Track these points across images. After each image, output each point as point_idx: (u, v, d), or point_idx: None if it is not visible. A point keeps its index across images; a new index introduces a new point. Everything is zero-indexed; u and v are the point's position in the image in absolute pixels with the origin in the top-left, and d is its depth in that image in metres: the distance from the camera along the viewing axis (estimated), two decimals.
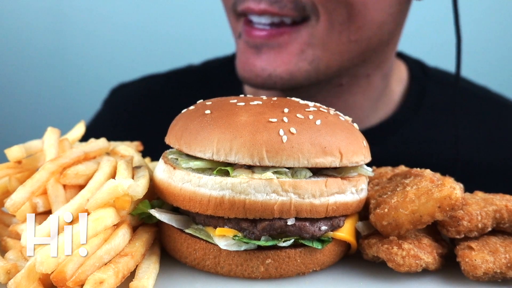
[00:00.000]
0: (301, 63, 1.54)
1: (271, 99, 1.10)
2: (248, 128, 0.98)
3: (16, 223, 1.04)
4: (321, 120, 1.02)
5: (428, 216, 0.99)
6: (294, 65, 1.54)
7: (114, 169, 1.07)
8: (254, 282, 1.01)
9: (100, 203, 0.95)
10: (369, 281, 1.02)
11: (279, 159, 0.97)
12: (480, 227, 1.04)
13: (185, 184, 1.00)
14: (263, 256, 1.00)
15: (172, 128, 1.09)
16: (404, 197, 1.02)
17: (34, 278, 0.89)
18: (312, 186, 0.99)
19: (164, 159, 1.09)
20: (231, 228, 0.99)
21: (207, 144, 0.99)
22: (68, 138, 1.19)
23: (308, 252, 1.03)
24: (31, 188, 1.00)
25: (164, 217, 1.03)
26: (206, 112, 1.04)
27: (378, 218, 1.03)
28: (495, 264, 0.99)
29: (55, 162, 1.04)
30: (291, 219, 0.99)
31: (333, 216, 1.03)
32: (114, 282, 0.90)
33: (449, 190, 0.99)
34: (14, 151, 1.08)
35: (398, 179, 1.14)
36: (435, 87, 1.91)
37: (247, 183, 0.96)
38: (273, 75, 1.55)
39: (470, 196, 1.12)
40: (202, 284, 1.00)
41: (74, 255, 0.89)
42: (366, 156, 1.08)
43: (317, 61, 1.55)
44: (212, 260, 1.02)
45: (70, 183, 1.04)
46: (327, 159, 0.99)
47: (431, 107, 1.86)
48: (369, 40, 1.58)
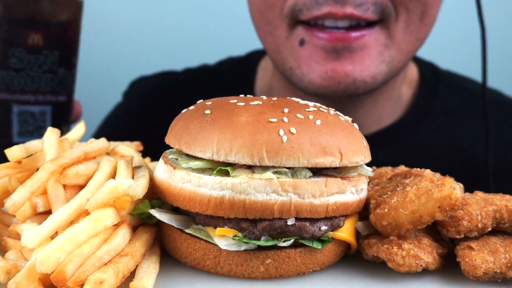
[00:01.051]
0: (381, 65, 1.51)
1: (271, 99, 1.10)
2: (248, 128, 0.98)
3: (16, 223, 1.04)
4: (321, 120, 1.02)
5: (428, 216, 0.99)
6: (376, 67, 1.51)
7: (114, 169, 1.07)
8: (254, 282, 1.01)
9: (100, 203, 0.95)
10: (369, 281, 1.02)
11: (279, 159, 0.97)
12: (480, 227, 1.04)
13: (185, 184, 1.00)
14: (263, 256, 1.00)
15: (172, 128, 1.09)
16: (404, 197, 1.02)
17: (34, 278, 0.88)
18: (312, 186, 0.99)
19: (164, 159, 1.09)
20: (231, 228, 0.99)
21: (207, 144, 0.99)
22: (68, 138, 1.19)
23: (308, 252, 1.03)
24: (31, 188, 1.00)
25: (164, 217, 1.03)
26: (206, 112, 1.04)
27: (378, 218, 1.03)
28: (495, 264, 0.99)
29: (55, 162, 1.04)
30: (291, 219, 0.99)
31: (333, 216, 1.03)
32: (114, 282, 0.90)
33: (449, 190, 0.99)
34: (14, 151, 1.08)
35: (398, 179, 1.14)
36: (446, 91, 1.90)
37: (247, 183, 0.96)
38: (358, 80, 1.50)
39: (470, 196, 1.12)
40: (202, 284, 1.00)
41: (74, 255, 0.89)
42: (366, 156, 1.08)
43: (393, 62, 1.53)
44: (212, 260, 1.02)
45: (70, 183, 1.04)
46: (327, 159, 0.99)
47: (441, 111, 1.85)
48: (423, 39, 1.57)
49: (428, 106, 1.85)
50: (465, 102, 1.90)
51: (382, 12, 1.47)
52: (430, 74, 1.94)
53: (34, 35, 1.45)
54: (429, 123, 1.83)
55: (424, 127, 1.83)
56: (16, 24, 1.42)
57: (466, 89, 1.95)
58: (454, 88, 1.91)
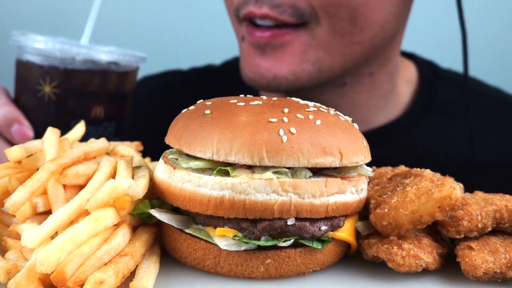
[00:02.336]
0: (304, 63, 1.55)
1: (271, 99, 1.10)
2: (248, 128, 0.98)
3: (16, 223, 1.04)
4: (321, 120, 1.02)
5: (428, 216, 0.99)
6: (297, 65, 1.55)
7: (114, 169, 1.07)
8: (254, 282, 1.01)
9: (100, 203, 0.95)
10: (369, 281, 1.02)
11: (279, 159, 0.97)
12: (480, 227, 1.04)
13: (185, 184, 1.00)
14: (263, 256, 1.00)
15: (172, 128, 1.09)
16: (404, 197, 1.02)
17: (34, 278, 0.88)
18: (312, 186, 0.99)
19: (164, 159, 1.09)
20: (231, 228, 0.99)
21: (207, 144, 0.99)
22: (68, 138, 1.19)
23: (308, 252, 1.03)
24: (31, 188, 1.00)
25: (164, 217, 1.03)
26: (206, 112, 1.04)
27: (378, 218, 1.03)
28: (495, 264, 0.99)
29: (55, 162, 1.04)
30: (291, 219, 0.99)
31: (333, 216, 1.03)
32: (114, 282, 0.90)
33: (449, 190, 0.99)
34: (14, 151, 1.08)
35: (398, 179, 1.14)
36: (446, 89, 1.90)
37: (247, 183, 0.96)
38: (278, 76, 1.56)
39: (470, 196, 1.12)
40: (202, 284, 1.00)
41: (74, 255, 0.89)
42: (366, 156, 1.08)
43: (320, 62, 1.56)
44: (212, 260, 1.02)
45: (70, 183, 1.04)
46: (327, 159, 0.99)
47: (441, 110, 1.85)
48: (371, 40, 1.58)
49: (428, 105, 1.85)
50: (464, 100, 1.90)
51: (301, 16, 1.50)
52: (430, 72, 1.94)
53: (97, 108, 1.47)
54: (429, 122, 1.83)
55: (424, 126, 1.83)
56: (82, 97, 1.43)
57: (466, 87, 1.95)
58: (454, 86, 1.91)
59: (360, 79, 1.71)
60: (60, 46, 1.41)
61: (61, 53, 1.41)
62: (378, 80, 1.75)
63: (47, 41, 1.42)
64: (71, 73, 1.42)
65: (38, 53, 1.42)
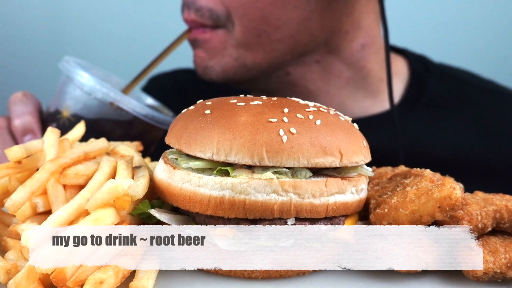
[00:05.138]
0: (226, 58, 1.68)
1: (271, 99, 1.10)
2: (248, 128, 0.98)
3: (16, 223, 1.04)
4: (321, 120, 1.02)
5: (428, 216, 0.99)
6: (221, 59, 1.69)
7: (114, 169, 1.07)
8: (254, 282, 1.01)
9: (100, 203, 0.95)
10: (369, 281, 1.02)
11: (279, 159, 0.97)
12: (480, 227, 1.03)
13: (185, 184, 1.00)
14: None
15: (172, 128, 1.09)
16: (404, 197, 1.02)
17: (34, 278, 0.89)
18: (312, 186, 0.99)
19: (164, 159, 1.09)
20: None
21: (207, 144, 0.99)
22: (68, 138, 1.19)
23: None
24: (31, 188, 1.00)
25: (164, 217, 1.03)
26: (206, 112, 1.04)
27: (378, 218, 1.03)
28: (495, 264, 0.99)
29: (55, 162, 1.04)
30: (291, 219, 0.99)
31: (333, 216, 1.03)
32: (114, 282, 0.90)
33: (449, 190, 0.99)
34: (14, 151, 1.08)
35: (398, 179, 1.14)
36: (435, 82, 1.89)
37: (247, 183, 0.96)
38: (208, 67, 1.72)
39: (470, 196, 1.12)
40: (202, 284, 1.00)
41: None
42: (366, 156, 1.08)
43: (242, 58, 1.68)
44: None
45: (70, 183, 1.04)
46: (327, 159, 0.99)
47: (430, 102, 1.86)
48: (293, 37, 1.66)
49: (415, 98, 1.85)
50: (453, 92, 1.90)
51: (217, 19, 1.64)
52: (420, 66, 1.94)
53: None
54: (416, 114, 1.83)
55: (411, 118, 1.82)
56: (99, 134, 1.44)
57: (456, 78, 1.95)
58: (443, 78, 1.91)
59: (306, 67, 1.75)
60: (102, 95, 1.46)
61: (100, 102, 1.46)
62: (332, 68, 1.77)
63: (95, 83, 1.46)
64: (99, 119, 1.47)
65: (82, 87, 1.47)
